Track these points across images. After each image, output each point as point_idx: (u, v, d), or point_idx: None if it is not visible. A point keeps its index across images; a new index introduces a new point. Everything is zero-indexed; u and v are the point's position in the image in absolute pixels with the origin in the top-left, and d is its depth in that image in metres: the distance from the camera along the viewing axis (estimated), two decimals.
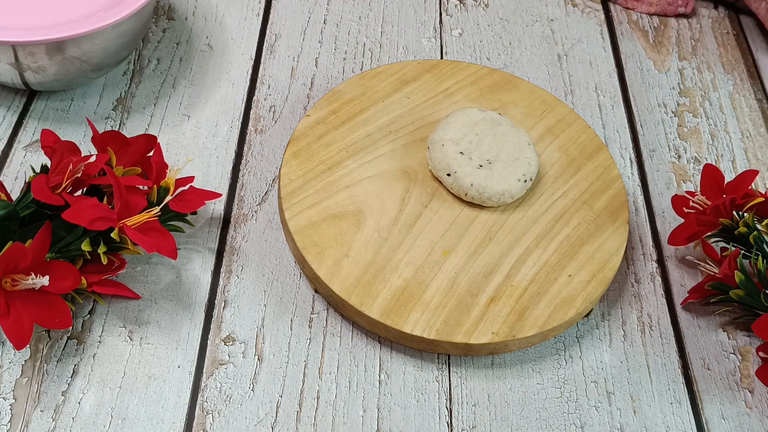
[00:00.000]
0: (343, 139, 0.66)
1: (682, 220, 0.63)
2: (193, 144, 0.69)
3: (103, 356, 0.56)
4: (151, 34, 0.77)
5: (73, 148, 0.58)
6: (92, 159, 0.55)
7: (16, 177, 0.65)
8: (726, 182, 0.63)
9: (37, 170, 0.58)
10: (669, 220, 0.68)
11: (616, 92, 0.78)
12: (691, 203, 0.63)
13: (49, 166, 0.57)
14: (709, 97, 0.79)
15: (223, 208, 0.65)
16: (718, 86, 0.80)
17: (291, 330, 0.59)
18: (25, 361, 0.55)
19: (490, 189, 0.62)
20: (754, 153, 0.75)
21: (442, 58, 0.79)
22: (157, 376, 0.55)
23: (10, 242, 0.51)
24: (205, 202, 0.60)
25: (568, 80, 0.78)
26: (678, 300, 0.63)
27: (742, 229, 0.60)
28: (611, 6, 0.84)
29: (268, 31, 0.80)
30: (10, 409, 0.53)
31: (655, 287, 0.64)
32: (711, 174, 0.63)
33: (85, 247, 0.53)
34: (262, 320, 0.59)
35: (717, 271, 0.60)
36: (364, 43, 0.79)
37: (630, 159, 0.73)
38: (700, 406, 0.58)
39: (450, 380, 0.57)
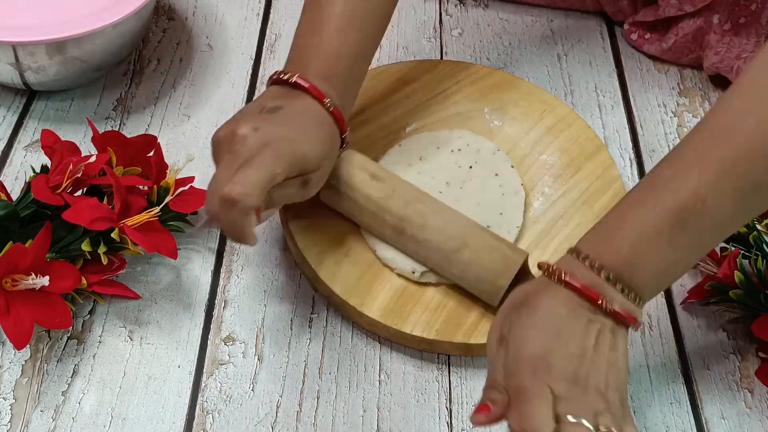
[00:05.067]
0: None
1: None
2: (193, 144, 0.69)
3: (103, 356, 0.56)
4: (151, 34, 0.77)
5: (73, 148, 0.58)
6: (92, 159, 0.55)
7: (16, 177, 0.65)
8: None
9: (37, 170, 0.58)
10: None
11: (616, 92, 0.78)
12: None
13: (49, 166, 0.57)
14: (709, 97, 0.79)
15: None
16: (717, 86, 0.80)
17: (291, 330, 0.59)
18: (25, 361, 0.55)
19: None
20: None
21: (442, 58, 0.79)
22: (157, 376, 0.55)
23: (11, 242, 0.51)
24: None
25: (567, 80, 0.78)
26: (678, 300, 0.63)
27: (742, 229, 0.60)
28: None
29: (268, 31, 0.80)
30: (10, 409, 0.53)
31: None
32: None
33: (85, 247, 0.53)
34: (262, 320, 0.59)
35: (717, 271, 0.60)
36: None
37: (630, 159, 0.73)
38: (700, 406, 0.58)
39: (450, 380, 0.57)
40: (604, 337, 0.47)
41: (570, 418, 0.43)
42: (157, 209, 0.55)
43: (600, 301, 0.46)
